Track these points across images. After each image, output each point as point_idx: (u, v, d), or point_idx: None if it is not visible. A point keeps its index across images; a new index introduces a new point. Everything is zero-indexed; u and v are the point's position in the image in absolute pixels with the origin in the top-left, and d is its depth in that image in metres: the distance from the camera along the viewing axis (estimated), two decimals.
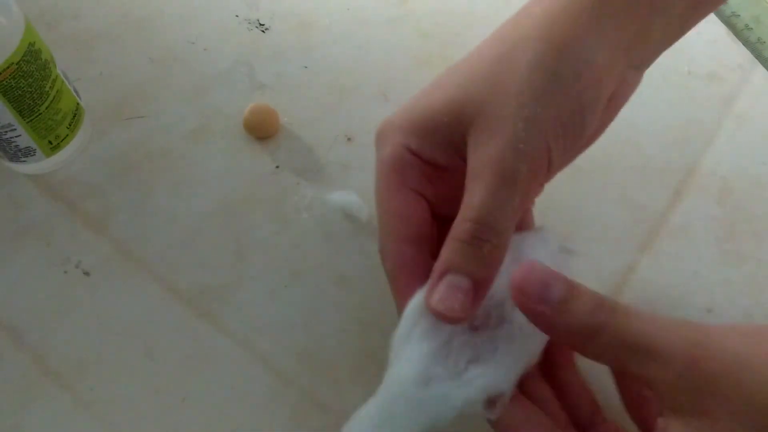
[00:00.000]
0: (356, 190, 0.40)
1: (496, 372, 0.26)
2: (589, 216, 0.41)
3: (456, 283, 0.26)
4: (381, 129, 0.31)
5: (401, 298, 0.29)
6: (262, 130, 0.43)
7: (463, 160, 0.28)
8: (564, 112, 0.27)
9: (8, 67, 0.35)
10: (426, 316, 0.27)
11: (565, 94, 0.27)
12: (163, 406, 0.35)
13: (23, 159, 0.40)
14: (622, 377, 0.29)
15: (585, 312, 0.24)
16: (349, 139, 0.43)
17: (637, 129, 0.43)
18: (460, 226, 0.27)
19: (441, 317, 0.26)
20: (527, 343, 0.27)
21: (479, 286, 0.26)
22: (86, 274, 0.38)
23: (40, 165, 0.41)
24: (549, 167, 0.28)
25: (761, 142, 0.44)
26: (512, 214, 0.26)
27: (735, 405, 0.22)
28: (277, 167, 0.42)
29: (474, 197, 0.27)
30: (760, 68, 0.47)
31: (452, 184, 0.30)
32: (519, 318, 0.26)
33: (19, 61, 0.35)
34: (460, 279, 0.26)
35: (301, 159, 0.42)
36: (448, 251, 0.27)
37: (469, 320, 0.27)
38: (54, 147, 0.40)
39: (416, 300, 0.27)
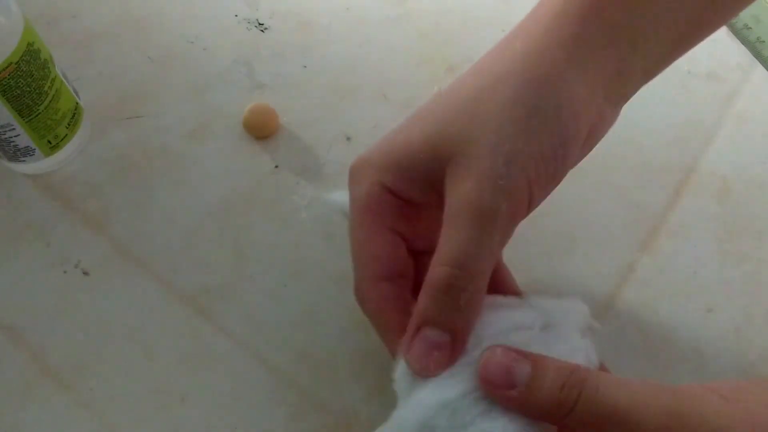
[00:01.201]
0: None
1: (504, 428, 0.25)
2: (589, 215, 0.41)
3: (433, 338, 0.25)
4: (354, 166, 0.31)
5: (389, 335, 0.28)
6: (261, 129, 0.43)
7: (441, 196, 0.27)
8: (545, 147, 0.26)
9: (7, 67, 0.35)
10: None
11: (546, 129, 0.26)
12: (163, 405, 0.35)
13: (22, 159, 0.40)
14: None
15: (554, 388, 0.23)
16: (348, 138, 0.43)
17: (637, 129, 0.43)
18: (435, 272, 0.26)
19: (417, 374, 0.26)
20: None
21: (456, 338, 0.26)
22: (86, 273, 0.38)
23: (39, 165, 0.41)
24: (529, 204, 0.27)
25: (761, 141, 0.44)
26: (490, 257, 0.26)
27: None
28: (277, 167, 0.42)
29: (450, 240, 0.26)
30: (760, 67, 0.47)
31: (429, 221, 0.29)
32: None
33: (18, 60, 0.35)
34: (437, 333, 0.25)
35: (300, 159, 0.42)
36: (423, 301, 0.26)
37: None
38: (53, 147, 0.40)
39: None
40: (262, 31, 0.48)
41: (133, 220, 0.40)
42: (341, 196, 0.40)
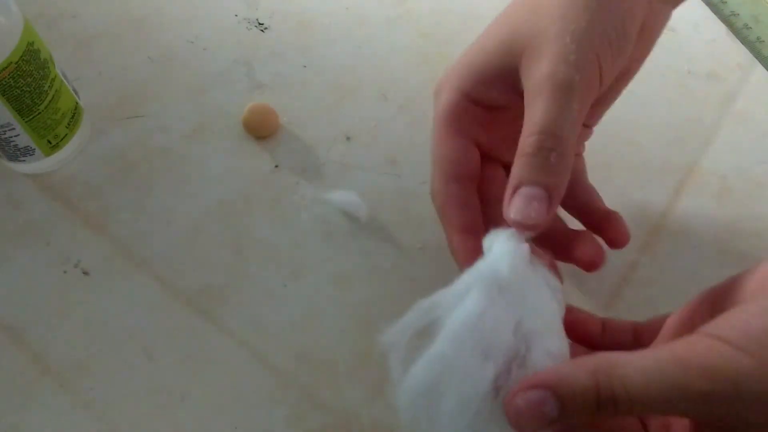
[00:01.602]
0: (356, 190, 0.40)
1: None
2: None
3: (530, 193, 0.27)
4: (440, 79, 0.33)
5: (451, 230, 0.32)
6: (261, 129, 0.43)
7: (520, 95, 0.30)
8: (607, 25, 0.29)
9: (7, 67, 0.35)
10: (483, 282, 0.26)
11: (606, 10, 0.29)
12: (163, 405, 0.35)
13: (22, 158, 0.40)
14: None
15: (589, 411, 0.23)
16: (348, 138, 0.43)
17: (637, 128, 0.43)
18: (525, 141, 0.28)
19: (519, 227, 0.27)
20: None
21: (552, 194, 0.27)
22: (85, 273, 0.38)
23: (39, 164, 0.41)
24: (600, 78, 0.29)
25: (761, 141, 0.44)
26: (572, 122, 0.28)
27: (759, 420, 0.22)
28: (277, 167, 0.42)
29: (535, 112, 0.28)
30: (760, 67, 0.47)
31: (506, 128, 0.32)
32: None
33: (18, 60, 0.35)
34: (533, 189, 0.27)
35: (300, 158, 0.42)
36: (517, 167, 0.28)
37: (544, 229, 0.27)
38: (53, 146, 0.40)
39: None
40: (262, 31, 0.48)
41: (133, 220, 0.40)
42: (341, 196, 0.40)
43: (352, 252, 0.39)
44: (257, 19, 0.48)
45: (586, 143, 0.38)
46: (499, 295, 0.25)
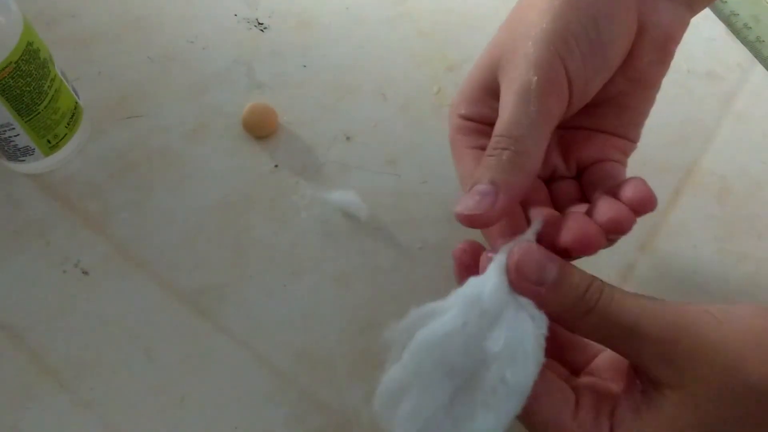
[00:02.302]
0: (355, 190, 0.40)
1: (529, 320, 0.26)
2: None
3: (477, 189, 0.28)
4: (449, 112, 0.35)
5: (491, 237, 0.31)
6: (261, 129, 0.43)
7: None
8: (573, 25, 0.29)
9: (7, 66, 0.35)
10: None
11: (574, 9, 0.29)
12: (162, 405, 0.35)
13: (22, 158, 0.40)
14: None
15: (576, 294, 0.26)
16: (348, 138, 0.43)
17: None
18: (489, 144, 0.29)
19: (463, 219, 0.28)
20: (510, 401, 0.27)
21: (499, 189, 0.28)
22: (85, 273, 0.38)
23: (38, 164, 0.41)
24: (569, 79, 0.29)
25: (760, 140, 0.44)
26: (529, 122, 0.28)
27: (708, 382, 0.24)
28: (276, 166, 0.42)
29: (498, 119, 0.29)
30: (759, 67, 0.47)
31: None
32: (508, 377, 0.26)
33: (18, 60, 0.35)
34: (480, 186, 0.28)
35: (300, 158, 0.42)
36: (479, 166, 0.29)
37: (493, 223, 0.28)
38: (53, 146, 0.40)
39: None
40: (261, 30, 0.48)
41: (132, 220, 0.40)
42: (341, 196, 0.40)
43: (352, 252, 0.39)
44: (257, 19, 0.48)
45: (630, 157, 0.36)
46: (476, 319, 0.26)
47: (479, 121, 0.33)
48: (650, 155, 0.43)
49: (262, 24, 0.48)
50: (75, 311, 0.37)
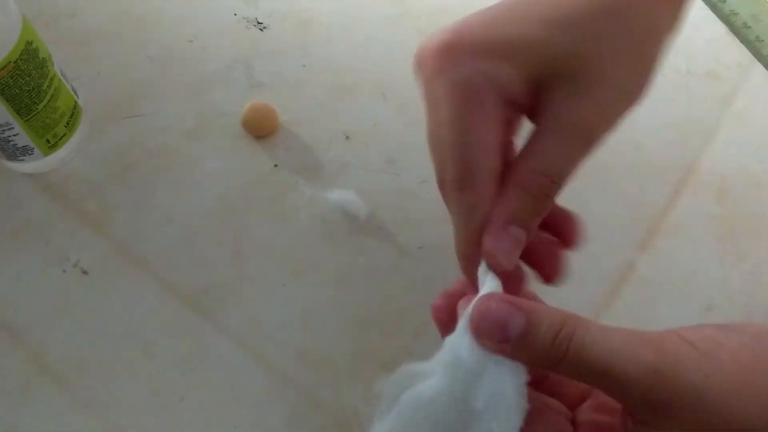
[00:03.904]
0: (355, 189, 0.40)
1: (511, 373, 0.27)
2: (588, 214, 0.40)
3: (518, 237, 0.26)
4: (444, 46, 0.27)
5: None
6: (260, 128, 0.43)
7: (536, 101, 0.27)
8: (643, 77, 0.27)
9: (6, 66, 0.35)
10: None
11: (645, 58, 0.27)
12: (162, 404, 0.35)
13: (21, 158, 0.40)
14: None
15: (544, 346, 0.24)
16: (347, 137, 0.43)
17: (636, 127, 0.43)
18: (534, 179, 0.26)
19: (497, 265, 0.26)
20: None
21: (529, 235, 0.27)
22: (85, 272, 0.38)
23: (38, 164, 0.41)
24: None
25: (760, 140, 0.44)
26: (570, 173, 0.27)
27: (692, 428, 0.23)
28: (276, 166, 0.42)
29: (554, 153, 0.26)
30: (759, 66, 0.47)
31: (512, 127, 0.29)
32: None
33: (17, 59, 0.35)
34: (521, 233, 0.26)
35: (299, 157, 0.42)
36: (516, 201, 0.26)
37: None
38: (52, 146, 0.40)
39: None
40: (261, 30, 0.48)
41: (131, 219, 0.40)
42: (340, 195, 0.40)
43: (351, 251, 0.39)
44: (256, 18, 0.48)
45: None
46: (461, 380, 0.26)
47: (507, 99, 0.26)
48: (650, 155, 0.43)
49: (261, 23, 0.48)
50: (74, 310, 0.37)
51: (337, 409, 0.35)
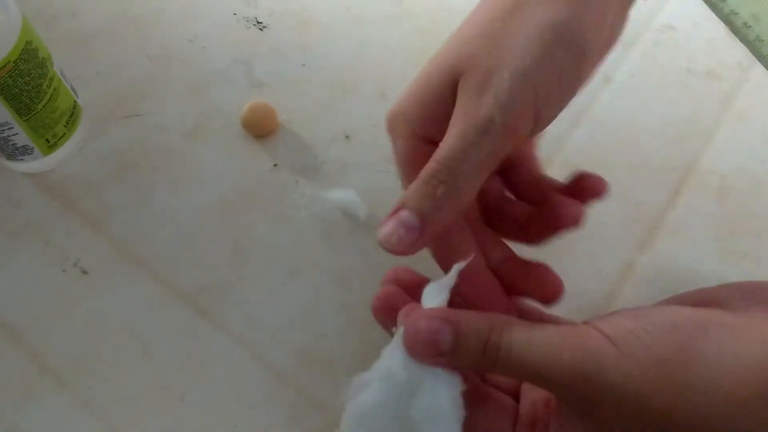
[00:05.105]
0: (355, 189, 0.40)
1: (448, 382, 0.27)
2: (588, 214, 0.41)
3: (404, 219, 0.27)
4: (390, 120, 0.32)
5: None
6: (260, 128, 0.43)
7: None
8: (558, 63, 0.27)
9: (5, 66, 0.35)
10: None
11: (560, 45, 0.27)
12: (162, 404, 0.35)
13: (21, 157, 0.40)
14: None
15: (475, 356, 0.26)
16: (347, 137, 0.43)
17: (636, 127, 0.43)
18: (426, 165, 0.28)
19: (384, 248, 0.27)
20: None
21: (425, 225, 0.27)
22: (84, 272, 0.38)
23: (37, 163, 0.41)
24: (537, 118, 0.27)
25: (760, 140, 0.44)
26: (477, 163, 0.27)
27: (617, 425, 0.24)
28: (276, 165, 0.42)
29: (445, 139, 0.27)
30: (759, 66, 0.47)
31: None
32: None
33: (16, 59, 0.35)
34: (408, 215, 0.27)
35: (299, 157, 0.42)
36: (409, 189, 0.28)
37: (411, 254, 0.28)
38: (51, 145, 0.40)
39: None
40: (261, 29, 0.48)
41: (131, 219, 0.40)
42: (340, 195, 0.40)
43: (352, 251, 0.39)
44: (256, 18, 0.48)
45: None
46: (396, 391, 0.27)
47: (439, 136, 0.29)
48: (650, 154, 0.43)
49: (261, 23, 0.48)
50: (74, 310, 0.37)
51: (338, 410, 0.35)
